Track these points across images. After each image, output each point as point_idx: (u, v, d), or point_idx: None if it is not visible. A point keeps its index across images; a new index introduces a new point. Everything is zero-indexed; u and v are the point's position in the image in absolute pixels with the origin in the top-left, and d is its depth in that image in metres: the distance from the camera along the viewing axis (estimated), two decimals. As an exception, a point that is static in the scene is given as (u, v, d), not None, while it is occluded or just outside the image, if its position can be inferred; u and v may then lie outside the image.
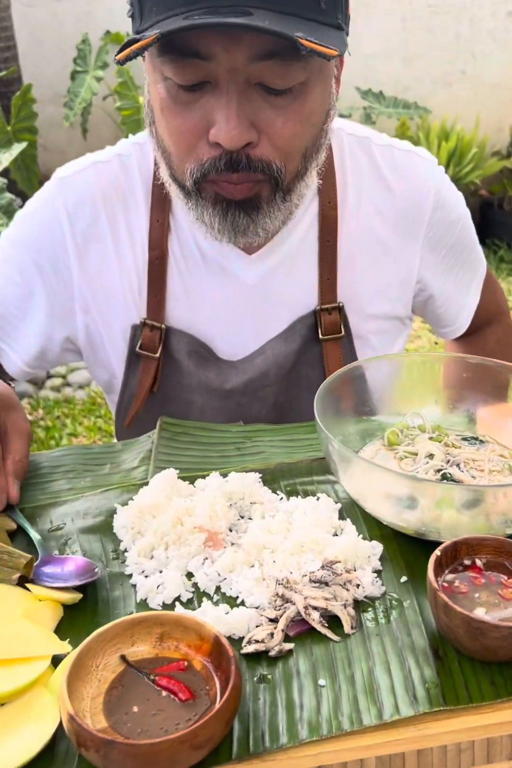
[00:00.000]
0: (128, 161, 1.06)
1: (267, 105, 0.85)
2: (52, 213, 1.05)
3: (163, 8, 0.80)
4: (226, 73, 0.82)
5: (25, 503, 0.84)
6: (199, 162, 0.88)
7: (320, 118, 0.91)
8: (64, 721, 0.56)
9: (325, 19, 0.82)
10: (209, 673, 0.61)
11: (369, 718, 0.59)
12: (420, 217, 1.08)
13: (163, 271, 1.04)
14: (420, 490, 0.73)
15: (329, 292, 1.05)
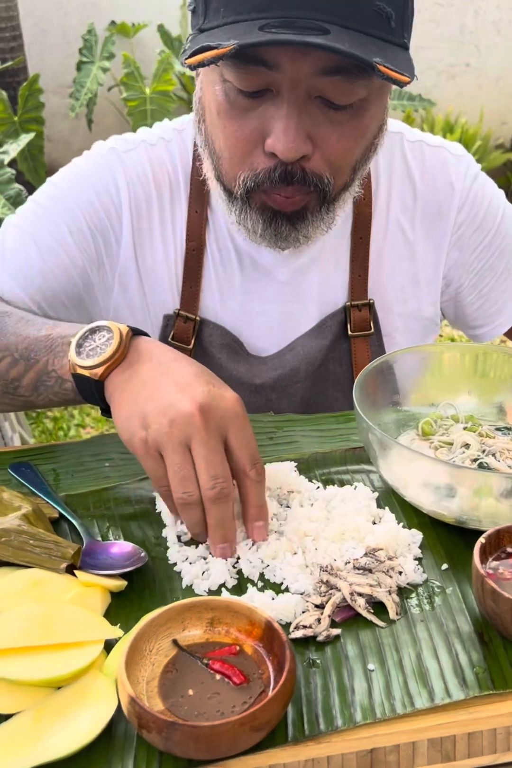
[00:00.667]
0: (170, 147, 1.05)
1: (326, 119, 0.85)
2: (111, 181, 1.01)
3: (233, 11, 0.79)
4: (288, 83, 0.81)
5: (66, 491, 0.85)
6: (253, 171, 0.87)
7: (373, 134, 0.91)
8: (124, 704, 0.57)
9: (393, 38, 0.81)
10: (261, 658, 0.62)
11: (420, 701, 0.60)
12: (445, 215, 1.07)
13: (200, 262, 1.04)
14: (460, 479, 0.74)
15: (360, 288, 1.05)
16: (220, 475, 0.72)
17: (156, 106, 3.50)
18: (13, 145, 3.07)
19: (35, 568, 0.71)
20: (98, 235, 1.02)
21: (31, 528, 0.74)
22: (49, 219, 1.01)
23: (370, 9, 0.78)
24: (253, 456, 0.75)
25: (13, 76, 3.59)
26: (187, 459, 0.72)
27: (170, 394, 0.74)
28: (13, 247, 1.01)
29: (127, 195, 1.02)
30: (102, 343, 0.80)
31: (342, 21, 0.77)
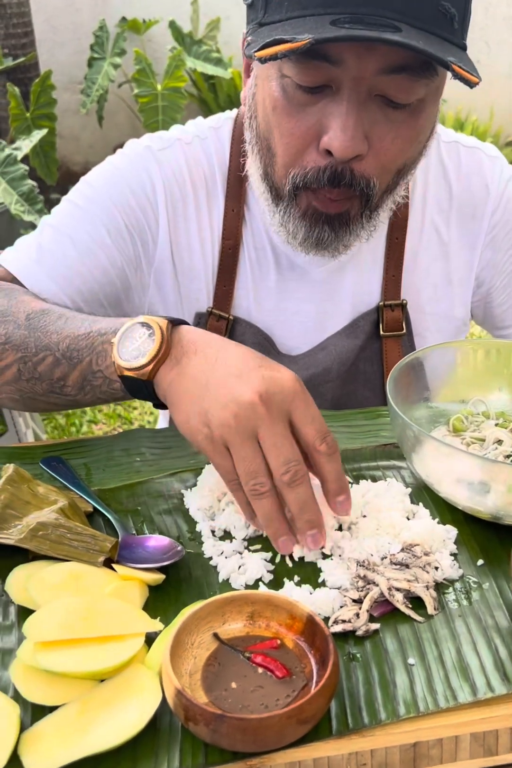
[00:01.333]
0: (206, 145, 1.04)
1: (384, 118, 0.84)
2: (148, 180, 1.01)
3: (297, 6, 0.78)
4: (351, 80, 0.80)
5: (97, 485, 0.85)
6: (302, 168, 0.87)
7: (426, 136, 0.91)
8: (170, 696, 0.57)
9: (455, 39, 0.80)
10: (302, 651, 0.62)
11: (463, 695, 0.61)
12: (479, 216, 1.08)
13: (235, 261, 1.04)
14: (495, 474, 0.74)
15: (393, 288, 1.05)
16: (292, 458, 0.70)
17: (167, 103, 3.50)
18: (25, 141, 3.08)
19: (73, 561, 0.71)
20: (136, 235, 1.02)
21: (67, 522, 0.74)
22: (87, 219, 1.00)
23: (436, 8, 0.78)
24: (320, 430, 0.73)
25: (25, 72, 3.60)
26: (256, 449, 0.70)
27: (227, 387, 0.72)
28: (51, 248, 1.00)
29: (163, 194, 1.01)
30: (143, 341, 0.78)
31: (410, 20, 0.77)
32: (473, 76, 0.78)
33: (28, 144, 3.03)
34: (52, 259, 1.00)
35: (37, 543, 0.72)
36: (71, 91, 4.01)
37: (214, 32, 3.93)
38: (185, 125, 1.08)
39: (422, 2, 0.77)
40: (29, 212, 2.89)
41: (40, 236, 1.02)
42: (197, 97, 4.03)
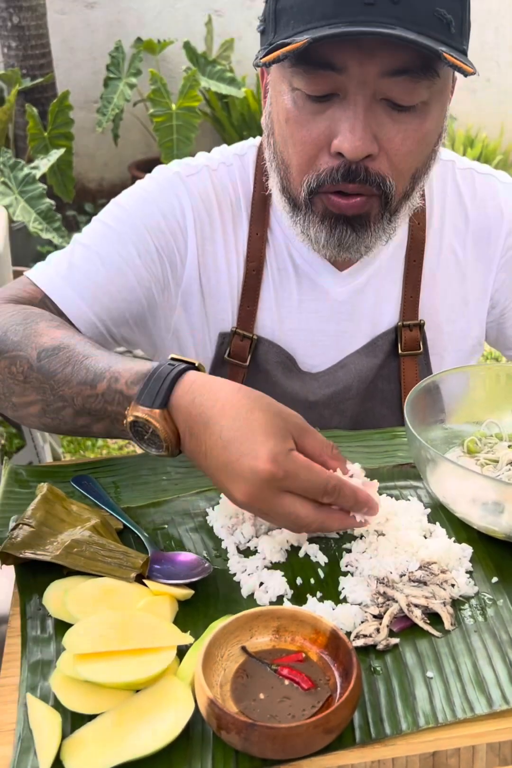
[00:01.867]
0: (231, 171, 1.09)
1: (390, 120, 0.89)
2: (177, 204, 1.06)
3: (301, 22, 0.85)
4: (355, 86, 0.86)
5: (127, 503, 0.89)
6: (316, 172, 0.91)
7: (434, 139, 0.95)
8: (203, 706, 0.61)
9: (453, 43, 0.85)
10: (326, 664, 0.66)
11: (479, 707, 0.64)
12: (494, 240, 1.12)
13: (258, 282, 1.08)
14: (509, 495, 0.78)
15: (411, 309, 1.09)
16: (327, 479, 0.75)
17: (181, 122, 3.56)
18: (43, 160, 3.15)
19: (106, 577, 0.75)
20: (165, 257, 1.06)
21: (100, 539, 0.78)
22: (118, 240, 1.04)
23: (431, 14, 0.83)
24: (322, 442, 0.79)
25: (42, 93, 3.67)
26: (289, 503, 0.74)
27: (243, 468, 0.74)
28: (81, 266, 1.03)
29: (193, 218, 1.06)
30: (149, 436, 0.80)
31: (406, 24, 0.82)
32: (467, 65, 0.84)
33: (45, 163, 3.10)
34: (81, 276, 1.02)
35: (72, 559, 0.75)
36: (87, 110, 4.08)
37: (228, 52, 3.99)
38: (211, 152, 1.13)
39: (418, 8, 0.83)
40: (47, 230, 2.95)
41: (71, 254, 1.05)
42: (211, 116, 4.08)
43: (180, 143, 3.56)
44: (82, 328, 1.02)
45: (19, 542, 0.77)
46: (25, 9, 3.55)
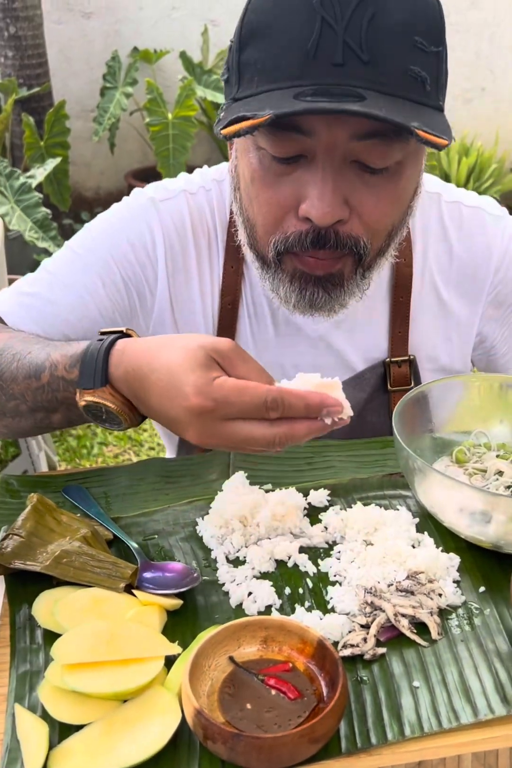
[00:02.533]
0: (210, 197, 1.05)
1: (362, 183, 0.85)
2: (147, 232, 1.02)
3: (266, 80, 0.80)
4: (324, 149, 0.81)
5: (118, 513, 0.89)
6: (283, 234, 0.87)
7: (409, 196, 0.91)
8: (190, 716, 0.61)
9: (428, 101, 0.81)
10: (313, 674, 0.66)
11: (465, 716, 0.64)
12: (482, 277, 1.08)
13: (234, 317, 1.05)
14: (496, 505, 0.78)
15: (400, 345, 1.07)
16: (264, 394, 0.72)
17: (178, 131, 3.57)
18: (39, 169, 3.16)
19: (96, 587, 0.75)
20: (132, 288, 1.03)
21: (90, 549, 0.79)
22: (83, 269, 1.01)
23: (405, 73, 0.79)
24: (260, 372, 0.77)
25: (39, 102, 3.68)
26: (239, 430, 0.73)
27: (178, 412, 0.74)
28: (42, 293, 1.01)
29: (163, 247, 1.02)
30: (107, 415, 0.82)
31: (378, 86, 0.78)
32: (441, 138, 0.79)
33: (42, 172, 3.11)
34: (41, 304, 1.01)
35: (62, 570, 0.76)
36: (84, 119, 4.09)
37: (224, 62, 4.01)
38: (193, 174, 1.09)
39: (389, 69, 0.78)
40: (43, 239, 2.96)
41: (35, 280, 1.04)
42: (207, 125, 4.10)
43: (176, 152, 3.58)
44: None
45: (9, 552, 0.78)
46: (21, 19, 3.56)
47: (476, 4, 4.27)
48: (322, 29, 0.78)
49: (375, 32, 0.78)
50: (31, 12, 3.60)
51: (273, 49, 0.80)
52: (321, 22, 0.78)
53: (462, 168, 4.16)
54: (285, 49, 0.79)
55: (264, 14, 0.81)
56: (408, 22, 0.79)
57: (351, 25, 0.77)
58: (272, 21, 0.80)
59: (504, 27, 4.35)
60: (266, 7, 0.81)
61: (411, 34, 0.79)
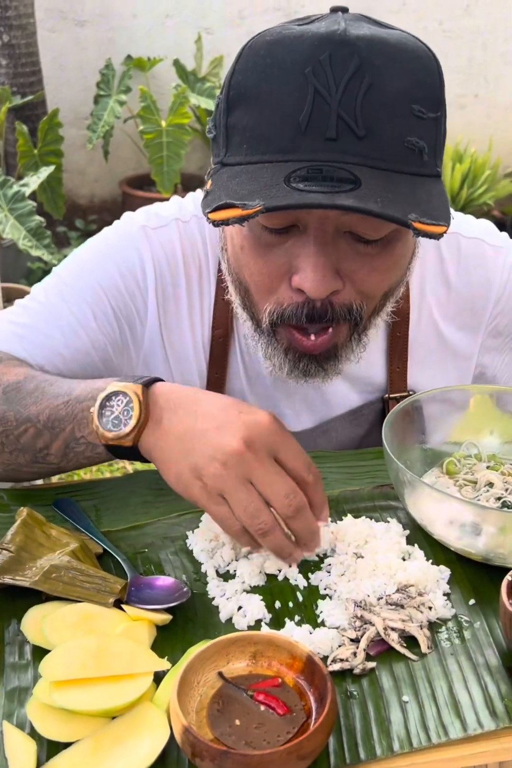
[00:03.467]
0: (202, 226, 1.02)
1: (355, 253, 0.82)
2: (138, 261, 1.00)
3: (256, 151, 0.77)
4: (317, 221, 0.79)
5: (108, 527, 0.89)
6: (279, 305, 0.86)
7: (407, 261, 0.89)
8: (178, 733, 0.61)
9: (426, 170, 0.79)
10: (302, 690, 0.66)
11: (454, 731, 0.64)
12: (480, 310, 1.06)
13: (226, 349, 1.04)
14: (486, 518, 0.78)
15: (399, 381, 1.06)
16: (290, 491, 0.74)
17: (171, 139, 3.58)
18: (33, 177, 3.15)
19: (85, 602, 0.75)
20: (122, 319, 1.01)
21: (79, 564, 0.78)
22: (74, 299, 1.00)
23: (402, 146, 0.76)
24: (306, 462, 0.77)
25: (33, 110, 3.68)
26: (251, 491, 0.74)
27: (212, 440, 0.76)
28: (35, 325, 1.00)
29: (154, 277, 1.00)
30: (122, 410, 0.80)
31: (372, 162, 0.75)
32: (439, 225, 0.75)
33: (35, 181, 3.11)
34: (35, 337, 0.99)
35: (51, 585, 0.76)
36: (77, 127, 4.09)
37: (217, 69, 4.01)
38: (185, 199, 1.06)
39: (386, 143, 0.75)
40: (37, 247, 2.95)
41: (26, 310, 1.02)
42: (201, 133, 4.10)
43: (170, 160, 3.58)
44: None
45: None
46: (15, 27, 3.56)
47: (469, 12, 4.29)
48: (315, 101, 0.74)
49: (372, 104, 0.74)
50: (25, 20, 3.60)
51: (263, 118, 0.77)
52: (314, 93, 0.74)
53: (456, 174, 4.17)
54: (276, 119, 0.76)
55: (253, 78, 0.78)
56: (407, 90, 0.76)
57: (346, 98, 0.74)
58: (261, 87, 0.77)
59: (497, 34, 4.37)
60: (256, 71, 0.78)
61: (410, 103, 0.76)
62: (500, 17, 4.32)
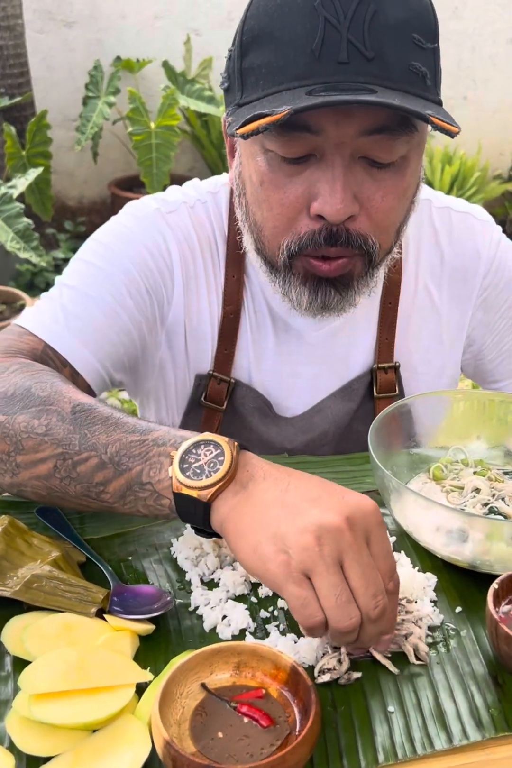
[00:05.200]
0: (206, 209, 1.06)
1: (370, 178, 0.86)
2: (162, 242, 1.02)
3: (272, 82, 0.81)
4: (333, 147, 0.83)
5: (91, 534, 0.88)
6: (296, 235, 0.88)
7: (413, 191, 0.93)
8: (159, 747, 0.60)
9: (429, 96, 0.83)
10: (286, 701, 0.65)
11: (439, 742, 0.63)
12: (471, 280, 1.10)
13: (236, 326, 1.06)
14: (472, 524, 0.78)
15: (386, 351, 1.08)
16: (380, 592, 0.65)
17: (161, 140, 3.56)
18: (21, 179, 3.14)
19: (66, 612, 0.74)
20: (153, 296, 1.03)
21: (61, 573, 0.77)
22: (107, 279, 1.00)
23: (407, 69, 0.81)
24: (392, 568, 0.68)
25: (21, 111, 3.66)
26: (343, 579, 0.64)
27: (307, 511, 0.66)
28: (77, 312, 0.98)
29: (178, 256, 1.03)
30: (210, 460, 0.71)
31: (383, 82, 0.80)
32: (453, 126, 0.81)
33: (23, 182, 3.09)
34: (80, 323, 0.98)
35: (32, 595, 0.74)
36: (66, 128, 4.07)
37: (207, 71, 4.00)
38: (184, 187, 1.09)
39: (393, 65, 0.80)
40: (25, 249, 2.94)
41: (61, 298, 1.00)
42: (190, 134, 4.09)
43: (159, 161, 3.56)
44: (86, 376, 0.98)
45: (-21, 578, 0.76)
46: (3, 28, 3.54)
47: (457, 14, 4.30)
48: (326, 29, 0.79)
49: (377, 30, 0.79)
50: (13, 21, 3.58)
51: (278, 52, 0.81)
52: (325, 22, 0.79)
53: (445, 176, 4.18)
54: (290, 51, 0.80)
55: (266, 20, 0.82)
56: (406, 19, 0.81)
57: (354, 24, 0.79)
58: (274, 25, 0.81)
59: (485, 37, 4.38)
60: (267, 13, 0.82)
61: (410, 32, 0.81)
62: (488, 20, 4.34)
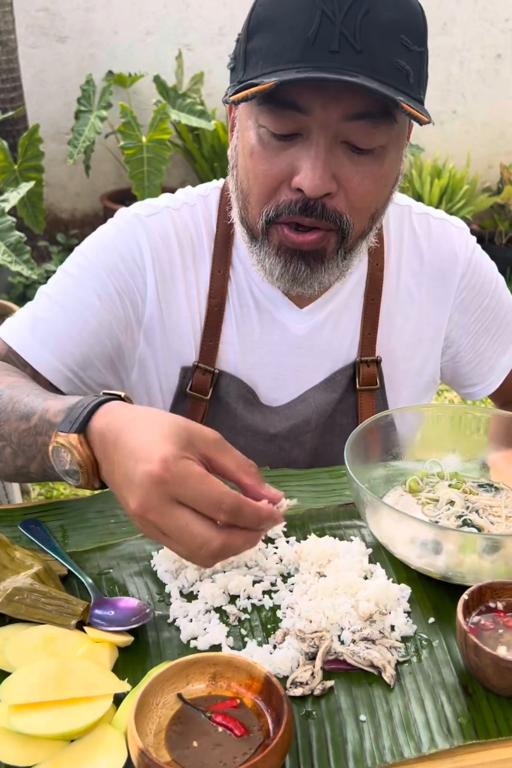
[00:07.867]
0: (194, 211, 1.12)
1: (350, 162, 0.93)
2: (136, 246, 1.08)
3: (270, 64, 0.89)
4: (318, 127, 0.90)
5: (73, 547, 0.90)
6: (275, 203, 0.95)
7: (391, 182, 0.99)
8: (135, 756, 0.61)
9: (411, 93, 0.90)
10: (260, 710, 0.67)
11: (408, 751, 0.65)
12: (449, 282, 1.16)
13: (220, 318, 1.11)
14: (445, 537, 0.79)
15: (369, 345, 1.13)
16: (222, 495, 0.69)
17: (152, 154, 3.59)
18: (13, 193, 3.14)
19: (47, 624, 0.75)
20: (125, 297, 1.08)
21: (42, 586, 0.79)
22: (78, 286, 1.07)
23: (391, 65, 0.88)
24: (239, 460, 0.74)
25: (13, 125, 3.68)
26: (181, 513, 0.69)
27: (136, 472, 0.70)
28: (44, 317, 1.06)
29: (151, 256, 1.08)
30: (70, 465, 0.79)
31: (368, 72, 0.87)
32: (422, 115, 0.89)
33: (15, 196, 3.10)
34: (44, 326, 1.05)
35: (14, 607, 0.76)
36: (58, 142, 4.10)
37: (198, 86, 4.04)
38: (176, 193, 1.16)
39: (379, 59, 0.88)
40: (16, 262, 2.95)
41: (34, 306, 1.09)
42: (182, 148, 4.12)
43: (151, 175, 3.59)
44: (49, 377, 1.05)
45: (-39, 591, 0.78)
46: (-5, 43, 3.57)
47: (446, 30, 4.35)
48: (322, 21, 0.87)
49: (368, 26, 0.87)
50: (5, 36, 3.61)
51: (277, 37, 0.89)
52: (321, 15, 0.87)
53: (434, 189, 4.22)
54: (288, 37, 0.88)
55: (271, 8, 0.91)
56: (397, 20, 0.89)
57: (347, 19, 0.87)
58: (277, 13, 0.90)
59: (474, 52, 4.43)
60: (274, 1, 0.91)
61: (399, 32, 0.89)
62: (476, 35, 4.39)
